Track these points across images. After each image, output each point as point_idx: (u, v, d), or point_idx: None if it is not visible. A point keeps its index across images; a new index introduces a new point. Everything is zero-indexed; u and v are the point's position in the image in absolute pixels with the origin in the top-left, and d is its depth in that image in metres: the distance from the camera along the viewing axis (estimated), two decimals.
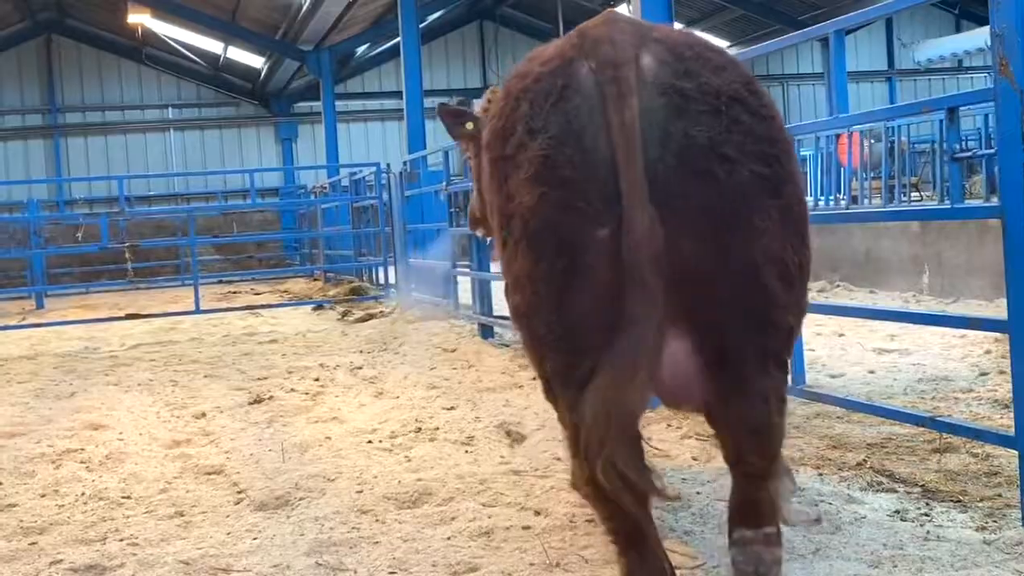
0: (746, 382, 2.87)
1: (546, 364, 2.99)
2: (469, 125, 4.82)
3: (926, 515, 4.04)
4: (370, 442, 5.79)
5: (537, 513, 4.31)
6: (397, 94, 28.24)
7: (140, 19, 22.74)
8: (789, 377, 3.51)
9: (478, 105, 4.93)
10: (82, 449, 6.00)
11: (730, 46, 28.71)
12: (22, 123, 27.95)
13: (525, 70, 3.03)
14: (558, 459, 5.14)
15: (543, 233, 2.80)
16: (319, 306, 14.46)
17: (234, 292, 18.45)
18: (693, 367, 2.87)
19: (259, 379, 8.41)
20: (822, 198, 15.17)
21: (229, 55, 27.08)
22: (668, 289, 2.67)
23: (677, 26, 7.43)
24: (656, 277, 2.66)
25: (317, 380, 8.17)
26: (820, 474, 4.71)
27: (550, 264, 2.80)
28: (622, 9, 26.73)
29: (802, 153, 15.56)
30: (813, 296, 11.47)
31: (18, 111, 27.92)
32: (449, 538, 4.04)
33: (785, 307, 2.88)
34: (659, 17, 6.55)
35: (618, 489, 2.75)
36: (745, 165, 2.77)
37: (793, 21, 25.47)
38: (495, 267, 5.27)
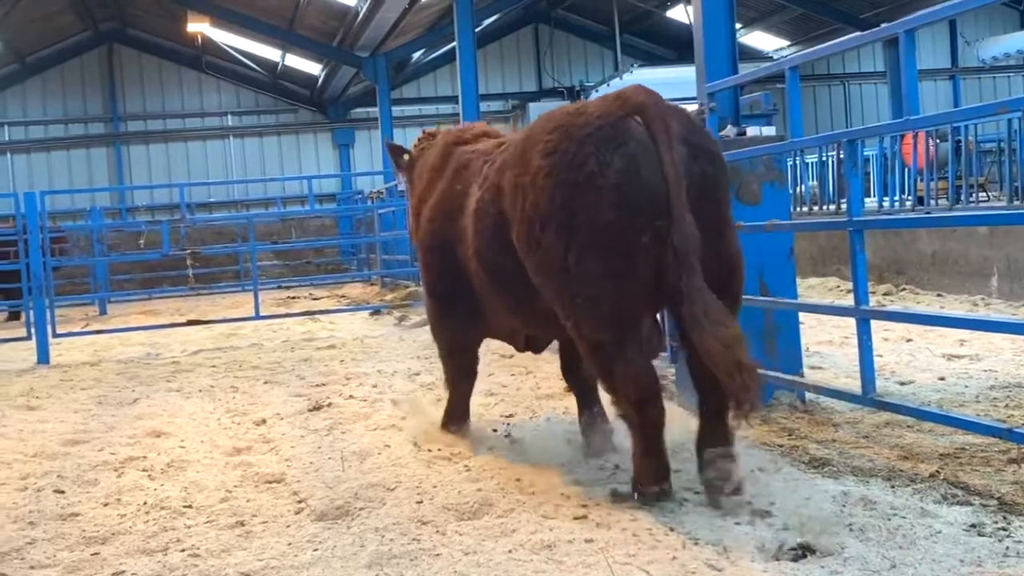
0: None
1: (615, 314, 4.33)
2: (406, 156, 6.43)
3: (1003, 529, 3.90)
4: (429, 451, 5.73)
5: (599, 526, 4.23)
6: (453, 99, 28.28)
7: (200, 28, 23.01)
8: (859, 385, 5.14)
9: (453, 127, 6.33)
10: (144, 457, 6.03)
11: (790, 45, 28.38)
12: (85, 131, 28.41)
13: (576, 123, 4.35)
14: (617, 467, 5.06)
15: (614, 234, 4.21)
16: (376, 311, 14.50)
17: (293, 297, 18.58)
18: None
19: (318, 385, 8.42)
20: (886, 199, 14.87)
21: (287, 62, 27.31)
22: None
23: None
24: (698, 260, 4.10)
25: (375, 387, 8.15)
26: (892, 486, 4.58)
27: (621, 249, 4.23)
28: (679, 10, 26.57)
29: (865, 153, 15.27)
30: (879, 300, 11.28)
31: (81, 120, 28.39)
32: (511, 551, 3.97)
33: (742, 286, 4.64)
34: (721, 16, 6.44)
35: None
36: (726, 193, 4.57)
37: (854, 20, 25.04)
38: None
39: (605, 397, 5.03)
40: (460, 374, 6.01)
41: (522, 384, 7.72)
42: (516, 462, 5.33)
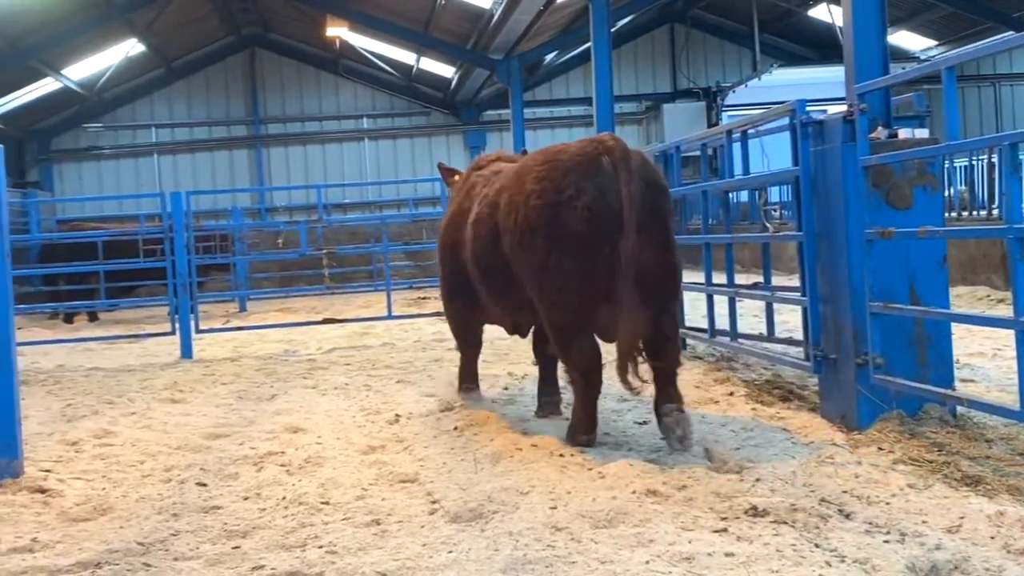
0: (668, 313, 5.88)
1: (578, 304, 5.72)
2: (456, 177, 7.78)
3: None
4: (561, 455, 5.65)
5: (739, 539, 4.10)
6: (584, 100, 28.19)
7: (338, 32, 23.49)
8: (1015, 400, 4.79)
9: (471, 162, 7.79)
10: (282, 452, 6.14)
11: (937, 45, 27.38)
12: (228, 134, 29.31)
13: (561, 159, 5.71)
14: (758, 480, 4.91)
15: (584, 243, 5.53)
16: None
17: (423, 298, 18.75)
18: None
19: (449, 385, 8.44)
20: None
21: (421, 65, 27.65)
22: (636, 275, 5.50)
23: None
24: (632, 272, 5.46)
25: (506, 389, 8.14)
26: None
27: (588, 255, 5.55)
28: (821, 9, 25.91)
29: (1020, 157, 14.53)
30: None
31: (224, 123, 29.31)
32: (648, 562, 3.87)
33: (680, 287, 6.19)
34: (872, 15, 6.21)
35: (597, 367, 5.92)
36: (671, 216, 5.87)
37: (1006, 19, 23.95)
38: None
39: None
40: (466, 344, 7.67)
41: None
42: (651, 470, 5.22)
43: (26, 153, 28.43)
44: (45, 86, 25.31)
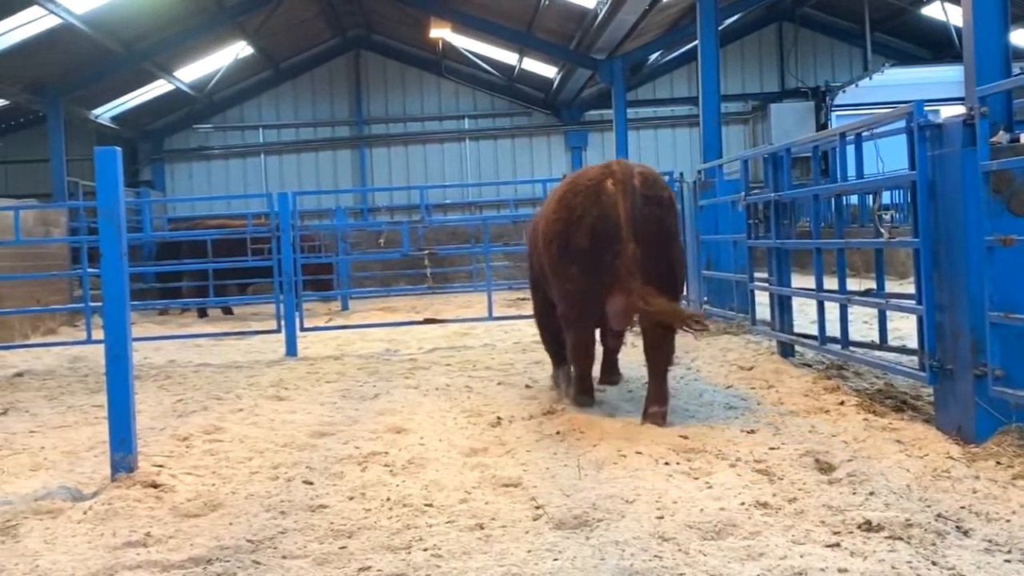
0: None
1: (578, 302, 6.92)
2: None
3: None
4: (667, 464, 5.58)
5: (853, 555, 3.97)
6: (689, 100, 27.90)
7: (441, 33, 23.67)
8: None
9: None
10: (386, 452, 6.17)
11: None
12: (332, 134, 29.80)
13: (579, 182, 6.82)
14: (871, 493, 4.76)
15: (588, 252, 6.63)
16: None
17: (523, 299, 18.73)
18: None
19: (550, 389, 8.41)
20: None
21: (523, 66, 27.68)
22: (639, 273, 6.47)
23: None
24: (638, 269, 6.42)
25: (603, 391, 8.06)
26: None
27: (590, 264, 6.66)
28: (935, 7, 25.17)
29: None
30: None
31: (328, 123, 29.80)
32: None
33: (680, 279, 7.10)
34: (993, 15, 5.98)
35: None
36: (669, 227, 6.80)
37: None
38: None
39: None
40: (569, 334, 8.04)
41: (763, 398, 7.44)
42: (760, 481, 5.11)
43: (139, 153, 29.34)
44: (158, 88, 26.10)
